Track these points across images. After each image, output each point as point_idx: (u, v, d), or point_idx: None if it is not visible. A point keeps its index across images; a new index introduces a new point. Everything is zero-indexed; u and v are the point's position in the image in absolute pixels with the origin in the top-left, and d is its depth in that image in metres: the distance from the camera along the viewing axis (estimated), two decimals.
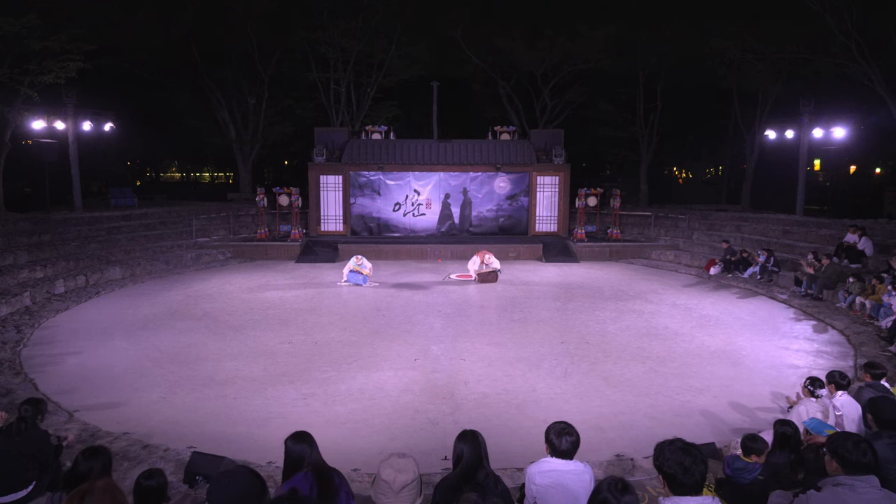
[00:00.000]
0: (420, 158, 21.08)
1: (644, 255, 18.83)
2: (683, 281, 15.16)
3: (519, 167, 21.29)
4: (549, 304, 12.33)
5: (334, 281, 14.85)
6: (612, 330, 10.23)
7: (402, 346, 9.12)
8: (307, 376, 7.88)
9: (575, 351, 8.96)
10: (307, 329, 10.16)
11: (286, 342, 9.35)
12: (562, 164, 21.35)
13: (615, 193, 20.18)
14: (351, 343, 9.31)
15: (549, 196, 21.56)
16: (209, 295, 13.03)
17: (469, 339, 9.55)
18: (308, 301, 12.43)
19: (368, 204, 21.40)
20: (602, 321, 10.84)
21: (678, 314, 11.43)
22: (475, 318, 11.09)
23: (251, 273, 16.06)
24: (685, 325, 10.54)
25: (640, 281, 15.18)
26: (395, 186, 21.48)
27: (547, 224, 21.68)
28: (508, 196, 21.62)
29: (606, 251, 18.93)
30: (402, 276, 15.72)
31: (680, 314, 11.44)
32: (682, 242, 19.13)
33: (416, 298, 12.83)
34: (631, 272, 16.64)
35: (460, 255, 18.83)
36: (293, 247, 18.80)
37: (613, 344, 9.34)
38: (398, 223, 21.53)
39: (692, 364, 8.41)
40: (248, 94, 26.02)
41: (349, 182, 21.25)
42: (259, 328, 10.20)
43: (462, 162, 21.12)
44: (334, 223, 21.34)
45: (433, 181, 21.54)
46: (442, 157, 21.12)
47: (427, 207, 21.62)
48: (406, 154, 21.08)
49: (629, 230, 21.39)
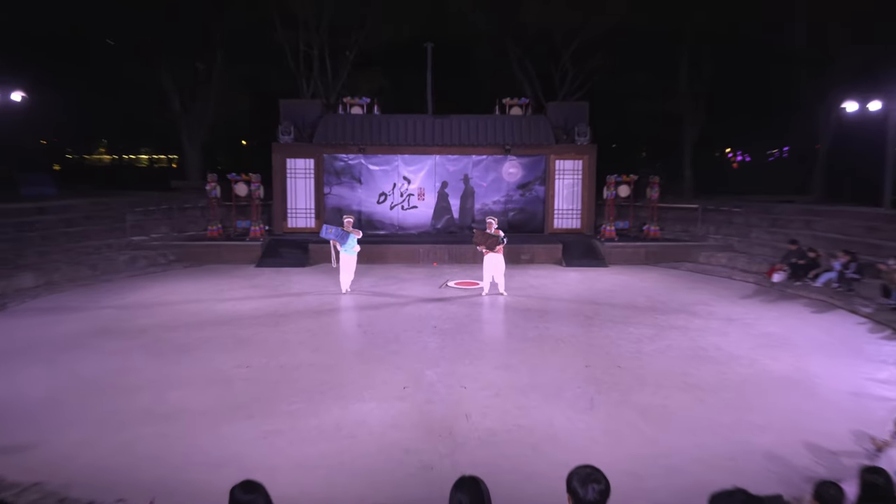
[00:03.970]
0: (411, 138, 21.09)
1: (689, 257, 18.85)
2: (739, 290, 15.16)
3: (533, 149, 21.30)
4: (570, 319, 12.29)
5: (304, 291, 14.78)
6: (649, 351, 10.19)
7: (389, 371, 9.08)
8: (270, 409, 7.82)
9: (603, 377, 8.92)
10: (270, 350, 10.11)
11: (244, 366, 9.29)
12: (586, 145, 21.37)
13: (653, 181, 20.25)
14: (325, 367, 9.27)
15: (570, 184, 21.57)
16: (148, 307, 12.98)
17: (471, 362, 9.51)
18: (271, 315, 12.39)
19: (347, 194, 21.40)
20: (637, 340, 10.81)
21: (733, 331, 11.41)
22: (479, 336, 11.06)
23: (200, 280, 16.01)
24: (741, 346, 10.52)
25: (684, 290, 15.15)
26: (379, 173, 21.47)
27: (568, 219, 21.67)
28: (520, 185, 21.64)
29: (642, 253, 18.95)
30: (388, 283, 15.69)
31: (735, 331, 11.41)
32: (738, 242, 19.15)
33: (405, 311, 12.77)
34: (673, 279, 16.63)
35: (460, 257, 18.81)
36: (253, 247, 18.79)
37: (651, 368, 9.30)
38: (384, 218, 21.53)
39: (751, 394, 8.38)
40: (196, 59, 26.03)
41: (323, 167, 21.24)
42: (210, 349, 10.14)
43: (463, 142, 21.13)
44: (304, 218, 21.32)
45: (427, 166, 21.54)
46: (438, 137, 21.13)
47: (419, 199, 21.62)
48: (394, 132, 21.09)
49: (670, 226, 21.43)
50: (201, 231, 20.43)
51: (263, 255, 18.54)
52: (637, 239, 20.01)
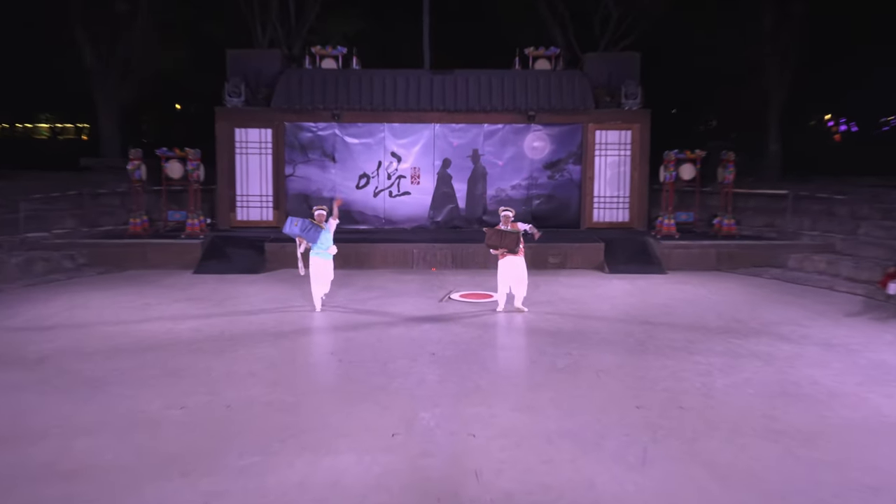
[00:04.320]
0: (402, 101, 21.14)
1: (776, 261, 18.87)
2: (842, 305, 15.13)
3: (566, 115, 21.33)
4: (615, 344, 12.26)
5: (259, 306, 14.79)
6: (721, 386, 10.16)
7: (373, 413, 9.06)
8: (213, 463, 7.79)
9: (660, 420, 8.89)
10: (213, 384, 10.10)
11: (177, 406, 9.28)
12: (637, 111, 21.41)
13: (726, 159, 20.27)
14: (287, 407, 9.25)
15: (615, 163, 21.62)
16: (48, 328, 12.97)
17: (482, 401, 9.49)
18: (215, 338, 12.39)
19: (316, 176, 21.45)
20: (705, 371, 10.79)
21: (834, 360, 11.38)
22: (492, 366, 11.04)
23: (119, 291, 16.02)
24: (846, 380, 10.48)
25: (768, 305, 15.10)
26: (360, 147, 21.52)
27: (612, 210, 21.72)
28: (548, 163, 21.70)
29: (712, 254, 18.98)
30: (371, 295, 15.70)
31: (837, 360, 11.39)
32: (841, 241, 19.13)
33: (394, 334, 12.75)
34: (753, 290, 16.60)
35: (468, 260, 18.83)
36: (190, 247, 18.84)
37: (724, 409, 9.27)
38: (366, 209, 21.59)
39: (858, 444, 8.34)
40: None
41: (284, 140, 21.29)
42: (132, 384, 10.13)
43: (471, 107, 21.17)
44: (259, 208, 21.37)
45: (423, 139, 21.59)
46: (438, 99, 21.18)
47: (413, 182, 21.67)
48: (379, 94, 21.14)
49: (750, 220, 21.43)
50: (121, 225, 20.46)
51: (204, 258, 18.59)
52: (705, 236, 20.01)
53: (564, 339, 12.47)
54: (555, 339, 12.40)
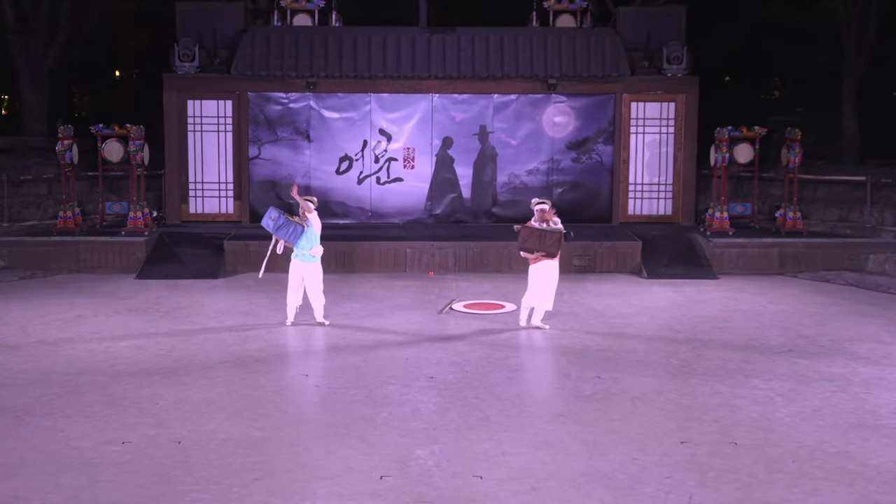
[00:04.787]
0: (392, 66, 21.12)
1: (851, 262, 18.88)
2: None
3: (594, 83, 21.33)
4: (654, 366, 12.27)
5: (217, 318, 14.80)
6: (784, 417, 10.17)
7: (357, 450, 9.06)
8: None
9: (709, 459, 8.90)
10: (161, 415, 10.10)
11: (118, 441, 9.28)
12: (682, 78, 21.41)
13: (791, 138, 20.25)
14: (252, 443, 9.25)
15: (654, 143, 21.63)
16: None
17: (491, 436, 9.49)
18: (164, 357, 12.39)
19: (288, 159, 21.44)
20: (765, 399, 10.79)
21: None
22: (503, 393, 11.01)
23: (46, 300, 16.02)
24: None
25: (842, 317, 15.10)
26: (340, 123, 21.52)
27: (651, 200, 21.74)
28: (572, 143, 21.70)
29: (773, 255, 19.01)
30: (356, 306, 15.73)
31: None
32: None
33: (384, 353, 12.76)
34: (824, 299, 16.59)
35: (475, 262, 18.85)
36: (132, 246, 18.85)
37: (788, 445, 9.27)
38: (348, 198, 21.58)
39: None
40: None
41: (247, 114, 21.25)
42: (63, 415, 10.13)
43: (478, 73, 21.16)
44: (217, 199, 21.37)
45: (419, 113, 21.58)
46: (437, 64, 21.17)
47: (407, 166, 21.65)
48: (364, 57, 21.13)
49: (820, 212, 21.46)
50: (47, 220, 20.47)
51: (150, 260, 18.57)
52: (766, 233, 20.01)
53: (592, 359, 12.45)
54: (581, 360, 12.39)
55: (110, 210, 20.33)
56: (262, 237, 19.27)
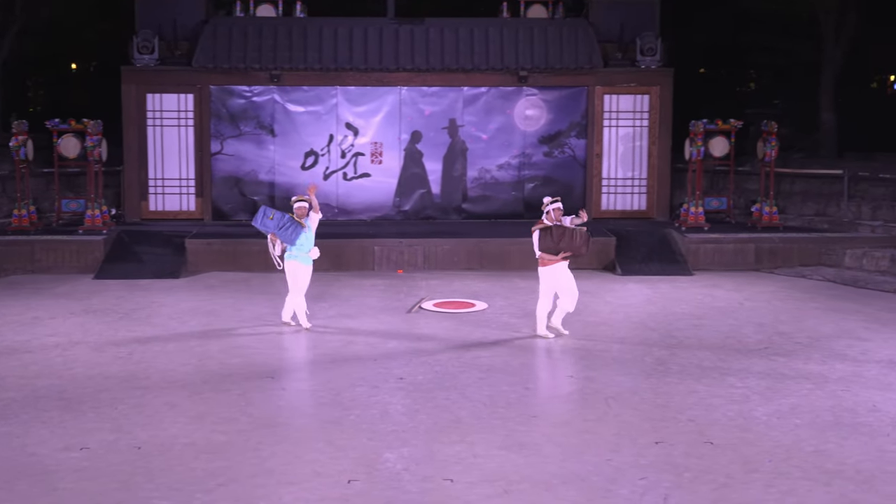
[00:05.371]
0: (359, 58, 21.08)
1: (829, 258, 19.05)
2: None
3: (566, 76, 21.37)
4: (629, 364, 12.35)
5: (178, 319, 14.75)
6: (761, 416, 10.25)
7: (324, 454, 9.06)
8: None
9: (685, 460, 8.96)
10: (121, 419, 10.06)
11: (76, 447, 9.24)
12: (656, 70, 21.46)
13: (767, 131, 20.36)
14: (215, 447, 9.23)
15: (629, 136, 21.69)
16: None
17: (462, 438, 9.51)
18: (123, 360, 12.35)
19: (251, 154, 21.35)
20: (741, 398, 10.88)
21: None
22: (474, 394, 11.04)
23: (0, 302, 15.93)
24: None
25: (819, 313, 15.24)
26: (306, 117, 21.45)
27: (625, 195, 21.81)
28: (544, 137, 21.72)
29: (750, 251, 19.14)
30: (321, 305, 15.73)
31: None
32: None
33: (351, 353, 12.76)
34: (801, 295, 16.74)
35: (444, 259, 18.86)
36: (90, 245, 18.76)
37: (764, 445, 9.34)
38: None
39: None
40: None
41: (209, 108, 21.15)
42: (17, 420, 10.07)
43: (448, 65, 21.14)
44: (178, 195, 21.27)
45: (387, 107, 21.53)
46: (406, 56, 21.14)
47: (374, 161, 21.61)
48: (329, 49, 21.07)
49: (796, 206, 21.61)
50: (2, 218, 20.24)
51: (108, 259, 18.47)
52: (742, 228, 20.13)
53: (566, 358, 12.53)
54: (554, 360, 12.45)
55: (67, 208, 20.19)
56: (225, 235, 19.33)
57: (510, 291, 16.88)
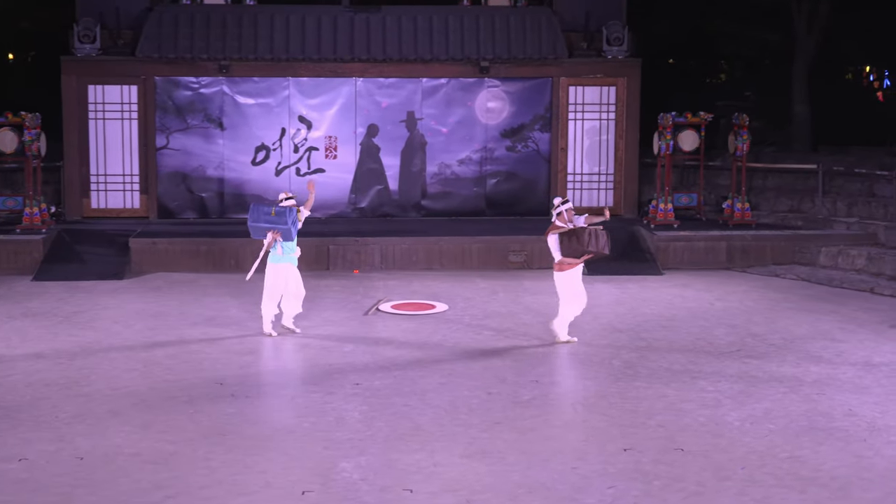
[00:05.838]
0: (313, 47, 21.03)
1: (803, 256, 19.18)
2: (887, 312, 15.42)
3: (530, 66, 21.42)
4: (596, 367, 12.36)
5: (122, 323, 14.63)
6: (733, 421, 10.29)
7: (277, 463, 9.02)
8: None
9: (654, 467, 8.97)
10: (62, 428, 9.97)
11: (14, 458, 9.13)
12: (623, 61, 21.55)
13: (739, 124, 20.48)
14: (162, 458, 9.16)
15: (594, 130, 21.77)
16: None
17: (422, 445, 9.49)
18: (64, 366, 12.24)
19: (198, 149, 21.24)
20: (713, 403, 10.92)
21: (876, 385, 11.60)
22: (434, 400, 11.03)
23: None
24: (892, 409, 10.66)
25: (793, 314, 15.34)
26: (256, 110, 21.38)
27: (591, 191, 21.89)
28: (507, 131, 21.74)
29: (721, 249, 19.23)
30: None
31: (880, 384, 11.60)
32: (885, 230, 19.49)
33: (305, 357, 12.76)
34: (774, 294, 16.85)
35: (403, 259, 18.85)
36: (28, 245, 18.61)
37: (737, 451, 9.38)
38: (266, 191, 21.43)
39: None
40: None
41: (154, 100, 21.01)
42: None
43: (406, 55, 21.13)
44: (122, 192, 21.14)
45: (341, 98, 21.51)
46: (361, 46, 21.10)
47: (329, 156, 21.59)
48: (281, 38, 21.00)
49: (769, 202, 21.77)
50: None
51: (47, 260, 18.31)
52: (713, 225, 20.26)
53: (531, 362, 12.51)
54: (518, 363, 12.42)
55: (3, 206, 19.97)
56: (171, 234, 19.21)
57: (471, 292, 16.89)
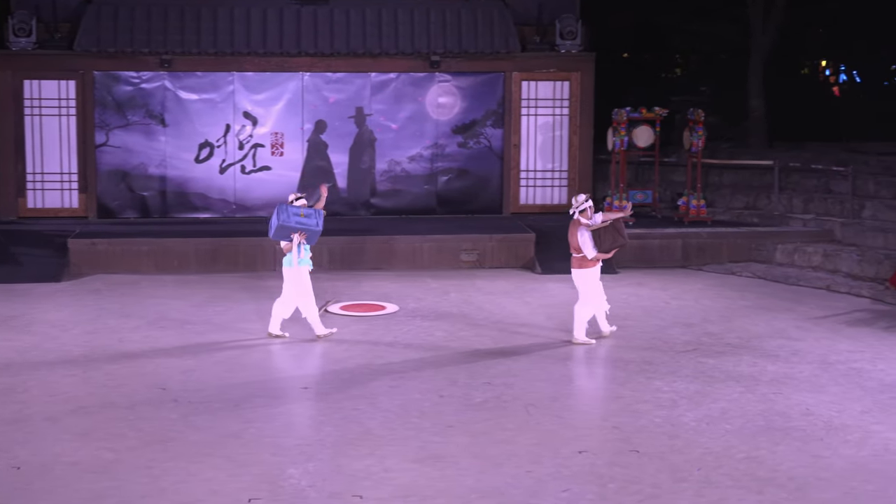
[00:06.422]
0: (258, 41, 20.93)
1: (759, 254, 19.37)
2: (843, 310, 15.62)
3: (482, 61, 21.43)
4: (550, 368, 12.40)
5: (60, 326, 14.50)
6: (689, 421, 10.37)
7: (223, 470, 8.97)
8: None
9: (609, 470, 9.02)
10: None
11: None
12: (577, 55, 21.60)
13: (694, 120, 20.62)
14: (103, 466, 9.09)
15: (548, 126, 21.81)
16: None
17: (372, 450, 9.49)
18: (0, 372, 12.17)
19: (140, 146, 21.08)
20: (669, 403, 10.99)
21: (832, 383, 11.73)
22: (386, 402, 11.04)
23: None
24: (848, 408, 10.79)
25: (749, 312, 15.49)
26: (200, 106, 21.24)
27: (545, 189, 21.94)
28: (459, 127, 21.75)
29: (677, 247, 19.39)
30: (218, 308, 15.67)
31: (836, 383, 11.73)
32: (842, 227, 19.72)
33: (251, 360, 12.71)
34: (730, 293, 16.99)
35: (352, 258, 18.85)
36: None
37: (693, 452, 9.45)
38: (210, 190, 21.32)
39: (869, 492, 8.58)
40: None
41: (93, 96, 20.83)
42: None
43: (354, 49, 21.09)
44: (59, 191, 20.95)
45: (287, 94, 21.43)
46: (308, 39, 21.03)
47: (275, 153, 21.50)
48: (225, 31, 20.88)
49: (725, 199, 21.96)
50: None
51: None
52: (668, 222, 20.38)
53: (483, 363, 12.53)
54: (470, 365, 12.44)
55: None
56: (112, 234, 19.06)
57: (422, 292, 16.90)
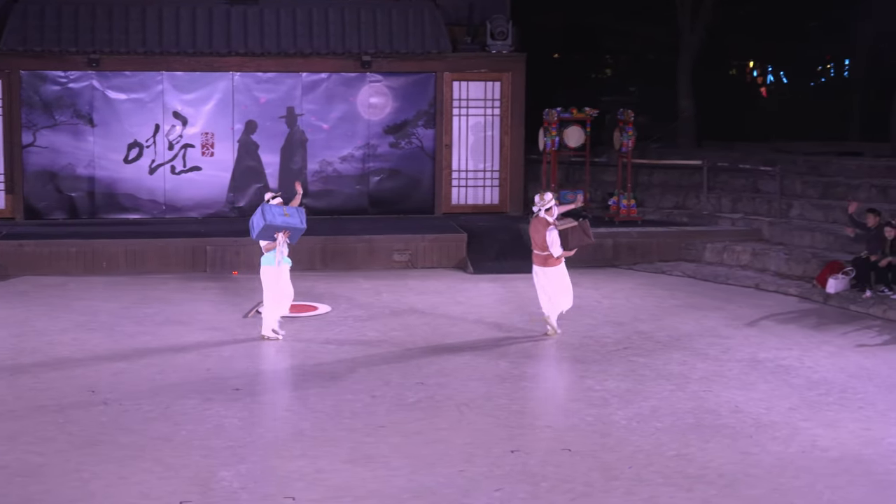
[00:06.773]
0: (188, 40, 20.81)
1: (688, 253, 19.59)
2: (771, 308, 15.85)
3: (413, 61, 21.44)
4: (482, 368, 12.44)
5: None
6: (620, 420, 10.46)
7: (153, 473, 8.90)
8: None
9: (542, 468, 9.07)
10: None
11: None
12: (508, 56, 21.68)
13: (624, 120, 20.81)
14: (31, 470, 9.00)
15: (479, 126, 21.87)
16: None
17: (304, 451, 9.49)
18: None
19: (67, 147, 20.87)
20: (599, 401, 11.07)
21: (761, 381, 11.90)
22: (316, 403, 11.02)
23: None
24: (776, 405, 10.95)
25: (678, 310, 15.68)
26: (129, 106, 21.06)
27: (476, 189, 22.00)
28: (390, 127, 21.76)
29: (607, 246, 19.50)
30: (148, 310, 15.53)
31: (765, 380, 11.91)
32: (769, 225, 20.01)
33: (182, 362, 12.63)
34: (660, 291, 17.20)
35: None
36: None
37: (624, 450, 9.52)
38: (139, 190, 21.15)
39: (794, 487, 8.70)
40: None
41: (19, 96, 20.59)
42: None
43: (285, 49, 21.03)
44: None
45: (218, 93, 21.32)
46: (238, 39, 20.94)
47: (205, 153, 21.37)
48: (154, 30, 20.74)
49: (655, 199, 22.19)
50: None
51: None
52: (599, 222, 20.36)
53: (416, 363, 12.56)
54: (402, 365, 12.46)
55: None
56: (39, 236, 18.84)
57: (355, 292, 16.90)
